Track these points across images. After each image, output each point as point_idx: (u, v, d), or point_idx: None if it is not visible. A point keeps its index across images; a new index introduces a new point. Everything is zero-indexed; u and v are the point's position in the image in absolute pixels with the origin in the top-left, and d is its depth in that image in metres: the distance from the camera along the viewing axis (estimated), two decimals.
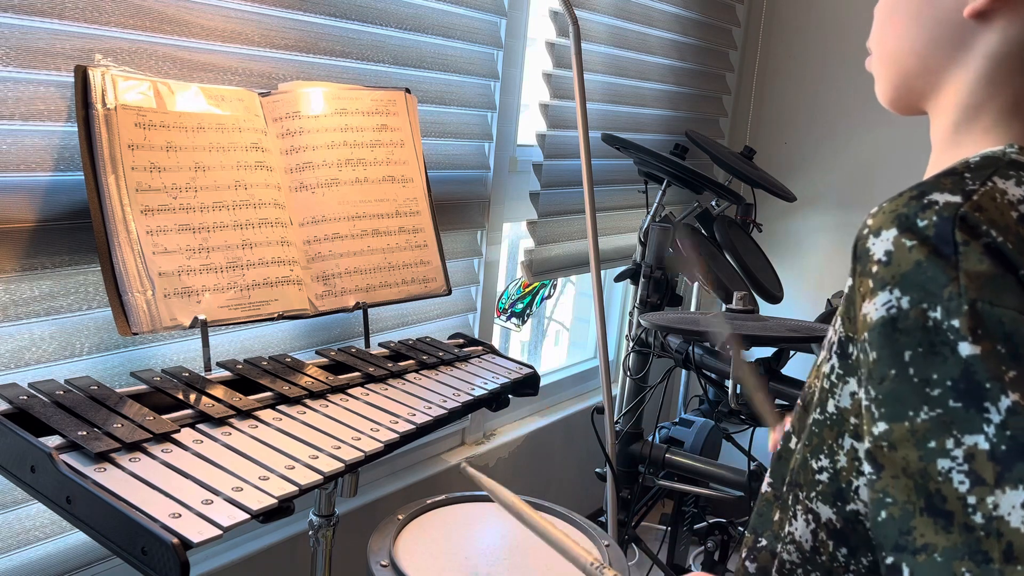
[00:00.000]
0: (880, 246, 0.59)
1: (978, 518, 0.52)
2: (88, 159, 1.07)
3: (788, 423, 0.76)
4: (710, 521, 1.99)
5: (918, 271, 0.56)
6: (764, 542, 0.75)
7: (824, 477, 0.67)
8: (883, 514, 0.57)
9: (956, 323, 0.55)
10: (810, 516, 0.69)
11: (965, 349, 0.54)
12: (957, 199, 0.58)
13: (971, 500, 0.53)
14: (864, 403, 0.60)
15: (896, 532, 0.56)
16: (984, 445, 0.53)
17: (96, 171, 1.07)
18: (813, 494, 0.68)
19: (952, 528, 0.53)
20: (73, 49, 1.11)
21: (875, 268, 0.59)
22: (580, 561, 0.81)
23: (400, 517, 1.35)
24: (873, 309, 0.59)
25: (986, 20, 0.66)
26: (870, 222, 0.61)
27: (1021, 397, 0.53)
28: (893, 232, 0.58)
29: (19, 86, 1.07)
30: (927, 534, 0.54)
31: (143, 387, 1.08)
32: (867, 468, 0.59)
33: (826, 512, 0.68)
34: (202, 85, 1.21)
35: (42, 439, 0.88)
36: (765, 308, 2.44)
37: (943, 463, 0.54)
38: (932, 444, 0.55)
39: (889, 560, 0.56)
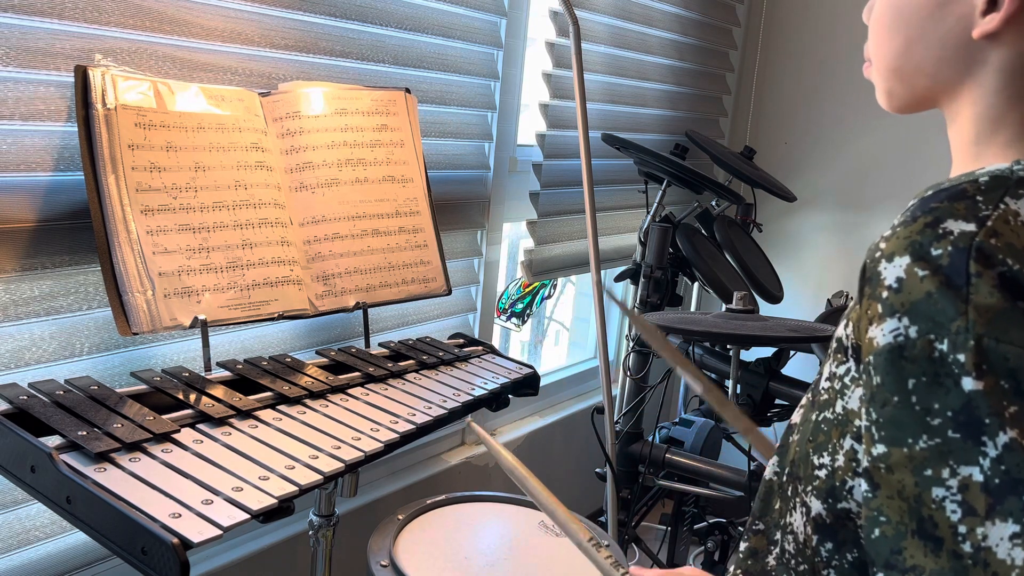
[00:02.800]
0: (892, 272, 0.59)
1: (967, 547, 0.54)
2: (88, 159, 1.07)
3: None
4: (710, 521, 1.99)
5: (928, 302, 0.57)
6: (761, 526, 0.76)
7: (822, 474, 0.69)
8: (876, 532, 0.59)
9: (961, 358, 0.55)
10: (804, 509, 0.70)
11: (968, 384, 0.55)
12: (972, 227, 0.58)
13: (962, 529, 0.55)
14: (865, 423, 0.61)
15: (888, 550, 0.58)
16: (979, 477, 0.55)
17: (96, 171, 1.07)
18: (810, 488, 0.70)
19: (941, 553, 0.55)
20: (73, 49, 1.11)
21: (885, 293, 0.59)
22: (577, 537, 0.83)
23: (400, 517, 1.35)
24: (880, 334, 0.59)
25: (996, 38, 0.65)
26: (883, 246, 0.61)
27: (1019, 434, 0.54)
28: (906, 259, 0.59)
29: (19, 86, 1.07)
30: (916, 556, 0.56)
31: (143, 387, 1.08)
32: (864, 485, 0.61)
33: (817, 506, 0.69)
34: (202, 85, 1.21)
35: (42, 439, 0.88)
36: (765, 308, 2.44)
37: (938, 491, 0.56)
38: (928, 472, 0.56)
39: (879, 575, 0.58)
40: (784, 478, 0.74)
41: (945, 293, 0.57)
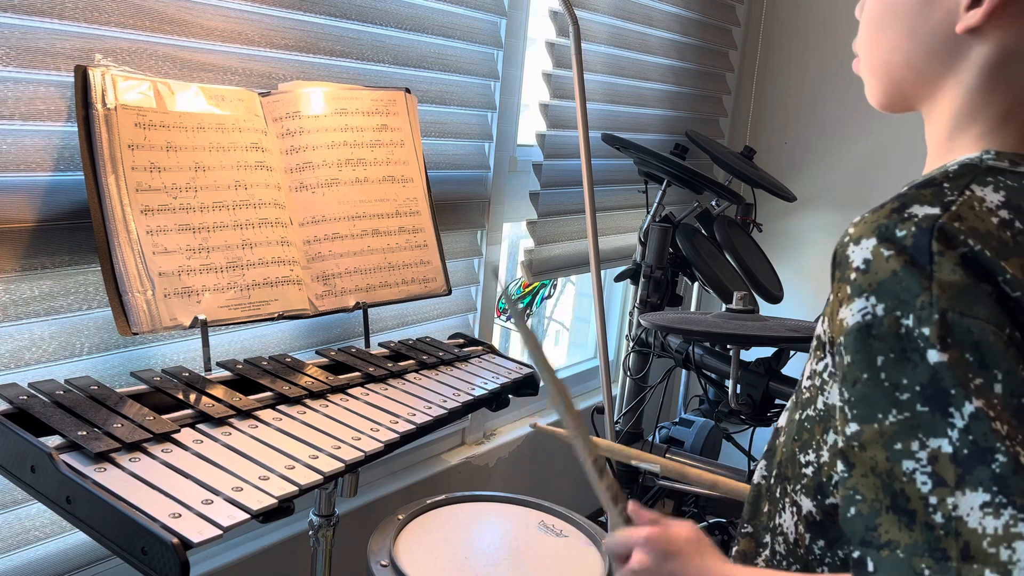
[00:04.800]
0: (859, 254, 0.61)
1: (938, 517, 0.55)
2: (88, 159, 1.07)
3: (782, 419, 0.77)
4: (710, 521, 1.99)
5: (894, 280, 0.59)
6: (749, 528, 0.77)
7: (809, 471, 0.70)
8: (852, 510, 0.60)
9: (926, 331, 0.57)
10: (794, 508, 0.71)
11: (933, 356, 0.56)
12: (936, 211, 0.60)
13: (932, 500, 0.55)
14: (838, 404, 0.62)
15: (863, 527, 0.59)
16: (947, 448, 0.55)
17: (96, 171, 1.07)
18: (798, 487, 0.71)
19: (914, 526, 0.56)
20: (73, 49, 1.11)
21: (853, 275, 0.61)
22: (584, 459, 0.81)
23: (400, 517, 1.35)
24: (849, 314, 0.61)
25: (979, 33, 0.66)
26: (851, 231, 0.63)
27: (985, 404, 0.55)
28: (872, 241, 0.61)
29: (19, 86, 1.07)
30: (891, 531, 0.57)
31: (143, 387, 1.08)
32: (839, 466, 0.62)
33: (807, 504, 0.70)
34: (202, 85, 1.21)
35: (42, 439, 0.88)
36: (765, 308, 2.43)
37: (908, 464, 0.57)
38: (899, 446, 0.57)
39: (856, 553, 0.59)
40: (772, 480, 0.75)
41: (910, 271, 0.58)
